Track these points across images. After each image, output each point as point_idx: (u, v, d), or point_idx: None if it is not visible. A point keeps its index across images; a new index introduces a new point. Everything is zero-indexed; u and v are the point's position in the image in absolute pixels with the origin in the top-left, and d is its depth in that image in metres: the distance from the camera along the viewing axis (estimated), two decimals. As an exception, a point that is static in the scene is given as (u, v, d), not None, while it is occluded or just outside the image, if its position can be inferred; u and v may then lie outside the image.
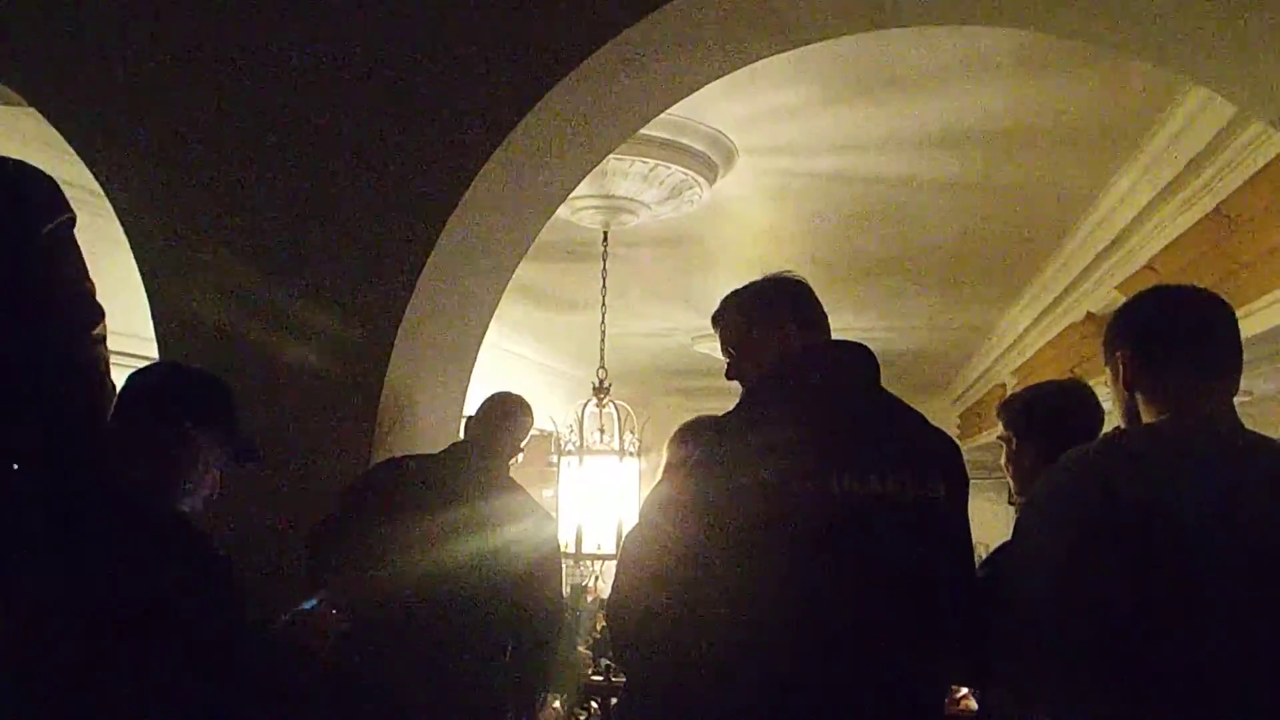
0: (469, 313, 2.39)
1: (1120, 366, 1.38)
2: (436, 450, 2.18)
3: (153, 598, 1.24)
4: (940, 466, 1.59)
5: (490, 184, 2.16)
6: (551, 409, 4.43)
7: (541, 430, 2.39)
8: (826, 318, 1.75)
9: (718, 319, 1.75)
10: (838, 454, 1.52)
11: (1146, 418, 1.34)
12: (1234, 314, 1.41)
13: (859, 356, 1.67)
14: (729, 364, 1.74)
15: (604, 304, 4.21)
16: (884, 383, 1.69)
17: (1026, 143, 3.58)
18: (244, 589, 1.40)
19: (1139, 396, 1.35)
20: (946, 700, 1.72)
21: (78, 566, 1.24)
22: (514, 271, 2.49)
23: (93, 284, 1.19)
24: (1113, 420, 1.52)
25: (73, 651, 1.20)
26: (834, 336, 1.75)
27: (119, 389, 1.48)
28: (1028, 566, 1.26)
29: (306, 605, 1.62)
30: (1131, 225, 3.92)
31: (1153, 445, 1.30)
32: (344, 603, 1.66)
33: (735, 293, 1.75)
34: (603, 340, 4.26)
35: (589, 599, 4.46)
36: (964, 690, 2.95)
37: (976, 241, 4.79)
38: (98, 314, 1.17)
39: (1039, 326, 5.62)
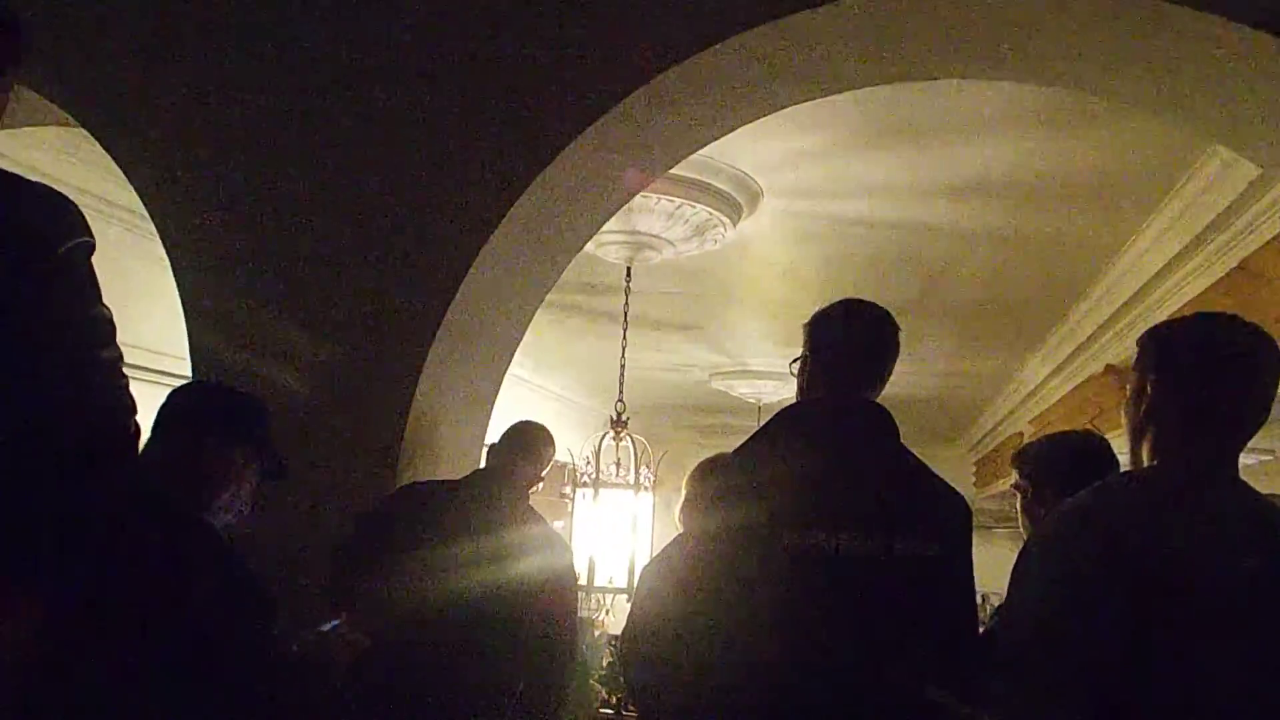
0: (494, 344, 2.43)
1: (1139, 396, 1.33)
2: (457, 477, 2.21)
3: (184, 610, 1.27)
4: (940, 526, 1.60)
5: (520, 221, 2.21)
6: (568, 441, 4.45)
7: (556, 461, 2.41)
8: (876, 375, 1.74)
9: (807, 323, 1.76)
10: (827, 507, 1.55)
11: (1150, 456, 1.31)
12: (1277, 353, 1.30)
13: (872, 413, 1.69)
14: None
15: (624, 338, 4.25)
16: (901, 428, 1.71)
17: (1051, 195, 3.61)
18: (273, 606, 1.42)
19: (1149, 433, 1.31)
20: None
21: (109, 577, 1.27)
22: (540, 305, 2.53)
23: (108, 309, 1.22)
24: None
25: (101, 659, 1.23)
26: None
27: (159, 407, 1.53)
28: (1022, 612, 1.25)
29: (326, 626, 1.64)
30: (1155, 279, 3.93)
31: (1153, 494, 1.26)
32: (362, 624, 1.68)
33: (826, 311, 1.76)
34: (622, 373, 4.29)
35: (596, 633, 4.44)
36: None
37: (998, 291, 4.81)
38: (110, 335, 1.20)
39: (1058, 377, 5.61)
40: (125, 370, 1.23)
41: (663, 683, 1.84)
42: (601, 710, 2.41)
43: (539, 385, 7.21)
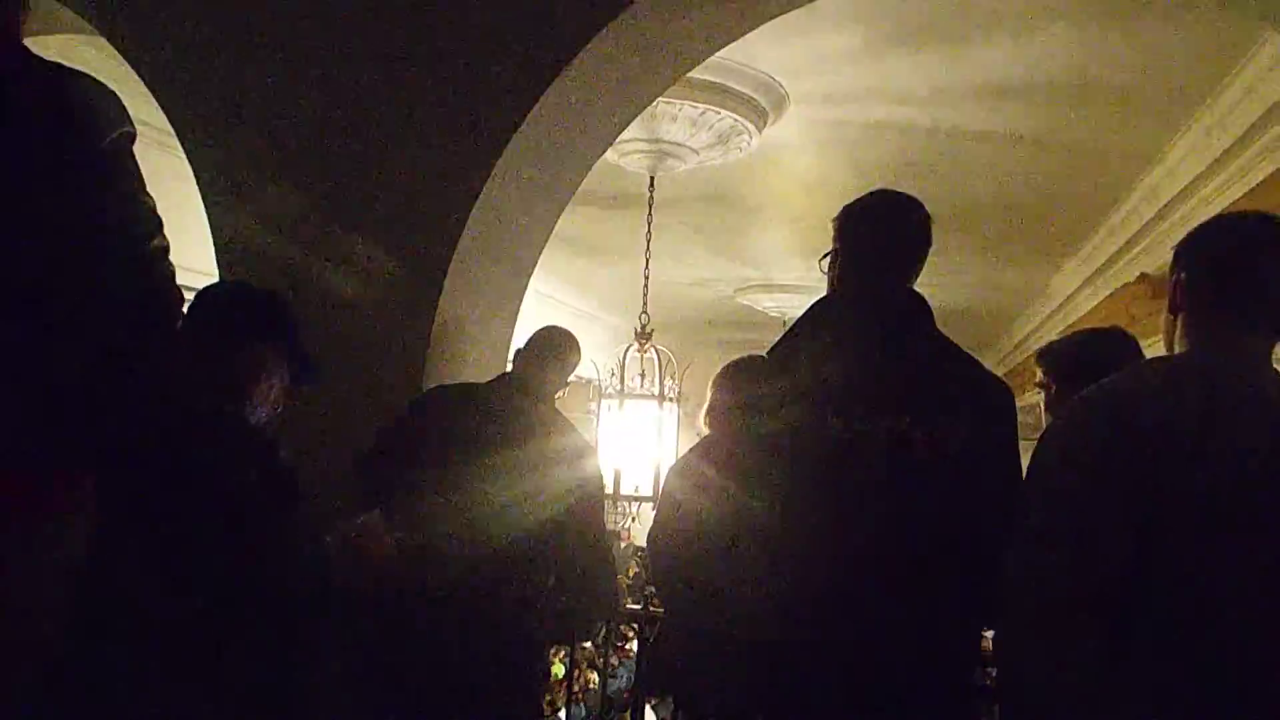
0: (520, 246, 2.43)
1: (1173, 290, 1.31)
2: (483, 382, 2.23)
3: (220, 500, 1.31)
4: (985, 413, 1.59)
5: (541, 125, 2.18)
6: (592, 356, 4.48)
7: (580, 377, 2.43)
8: (909, 264, 1.70)
9: (837, 216, 1.73)
10: (869, 395, 1.55)
11: (1179, 349, 1.29)
12: None
13: (908, 301, 1.67)
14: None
15: (648, 249, 4.23)
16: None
17: (1088, 97, 3.49)
18: (305, 499, 1.47)
19: (1179, 326, 1.29)
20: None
21: (148, 468, 1.32)
22: (563, 210, 2.51)
23: (152, 198, 1.23)
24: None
25: (139, 548, 1.28)
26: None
27: (189, 307, 1.55)
28: (1033, 495, 1.25)
29: (356, 522, 1.69)
30: (1193, 185, 3.81)
31: (1170, 378, 1.24)
32: (391, 524, 1.72)
33: (856, 202, 1.72)
34: (645, 285, 4.28)
35: (623, 544, 4.54)
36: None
37: (1030, 198, 4.70)
38: (157, 225, 1.22)
39: (1091, 286, 5.51)
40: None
41: (690, 582, 1.88)
42: (629, 606, 2.48)
43: (563, 302, 7.21)
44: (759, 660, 1.60)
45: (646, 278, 4.24)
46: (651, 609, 2.30)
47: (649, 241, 4.28)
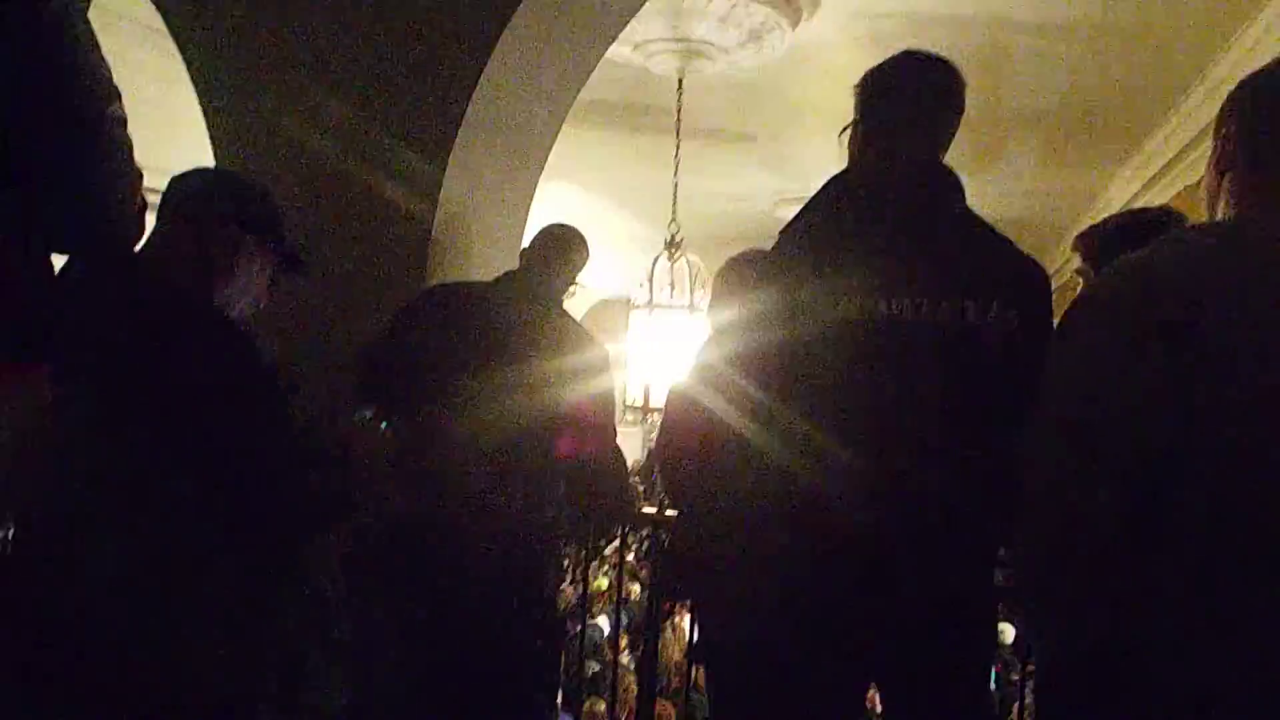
0: (526, 139, 2.32)
1: (1222, 145, 1.15)
2: (489, 279, 2.16)
3: (190, 392, 1.27)
4: (1017, 293, 1.46)
5: (540, 8, 2.05)
6: (622, 269, 4.40)
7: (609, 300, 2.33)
8: (938, 132, 1.56)
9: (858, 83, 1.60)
10: (888, 273, 1.43)
11: (1224, 212, 1.13)
12: None
13: (936, 172, 1.54)
14: None
15: (677, 153, 4.08)
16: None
17: (1152, -24, 3.22)
18: (288, 392, 1.42)
19: (1226, 186, 1.13)
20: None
21: (116, 356, 1.27)
22: (574, 98, 2.39)
23: (107, 65, 1.15)
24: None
25: (110, 440, 1.24)
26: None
27: (162, 193, 1.49)
28: (1055, 371, 1.13)
29: (355, 417, 1.65)
30: (1265, 72, 3.52)
31: (1217, 243, 1.08)
32: (390, 419, 1.68)
33: (879, 65, 1.57)
34: (675, 193, 4.14)
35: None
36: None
37: (1085, 95, 4.40)
38: (115, 92, 1.14)
39: (1150, 192, 5.21)
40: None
41: (697, 481, 1.82)
42: (642, 511, 2.44)
43: (590, 213, 7.07)
44: (783, 564, 1.53)
45: (675, 184, 4.10)
46: (665, 512, 2.25)
47: (678, 148, 4.12)
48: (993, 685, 5.67)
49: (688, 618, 3.32)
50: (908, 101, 1.55)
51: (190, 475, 1.25)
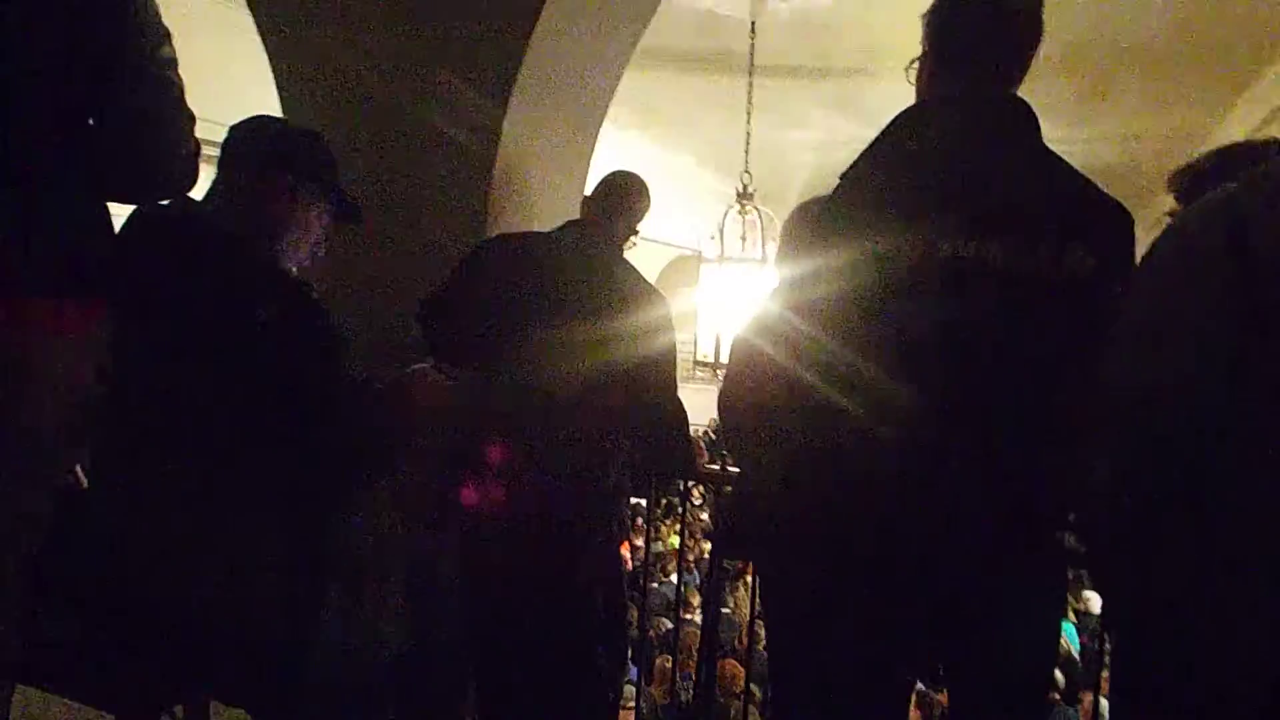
0: (589, 81, 2.25)
1: None
2: (550, 229, 2.12)
3: (246, 337, 1.26)
4: (1100, 237, 1.35)
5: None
6: (692, 221, 4.31)
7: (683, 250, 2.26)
8: (1013, 63, 1.44)
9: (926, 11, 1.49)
10: (960, 213, 1.33)
11: None
12: None
13: (1011, 106, 1.42)
14: None
15: (749, 99, 3.94)
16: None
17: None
18: (345, 340, 1.41)
19: None
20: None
21: (175, 300, 1.27)
22: (638, 39, 2.30)
23: (157, 6, 1.14)
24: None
25: (172, 382, 1.25)
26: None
27: (222, 143, 1.48)
28: (1133, 306, 1.02)
29: (412, 369, 1.63)
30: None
31: None
32: (451, 369, 1.66)
33: None
34: (747, 143, 4.01)
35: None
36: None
37: (1195, 26, 4.07)
38: (165, 33, 1.13)
39: (1266, 132, 4.83)
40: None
41: (757, 428, 1.76)
42: (708, 466, 2.38)
43: (661, 164, 6.95)
44: (843, 512, 1.46)
45: (748, 133, 3.97)
46: (726, 468, 2.19)
47: (750, 94, 3.98)
48: (1077, 652, 5.48)
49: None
50: (977, 28, 1.43)
51: (248, 414, 1.25)
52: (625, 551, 3.49)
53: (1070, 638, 5.69)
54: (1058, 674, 4.55)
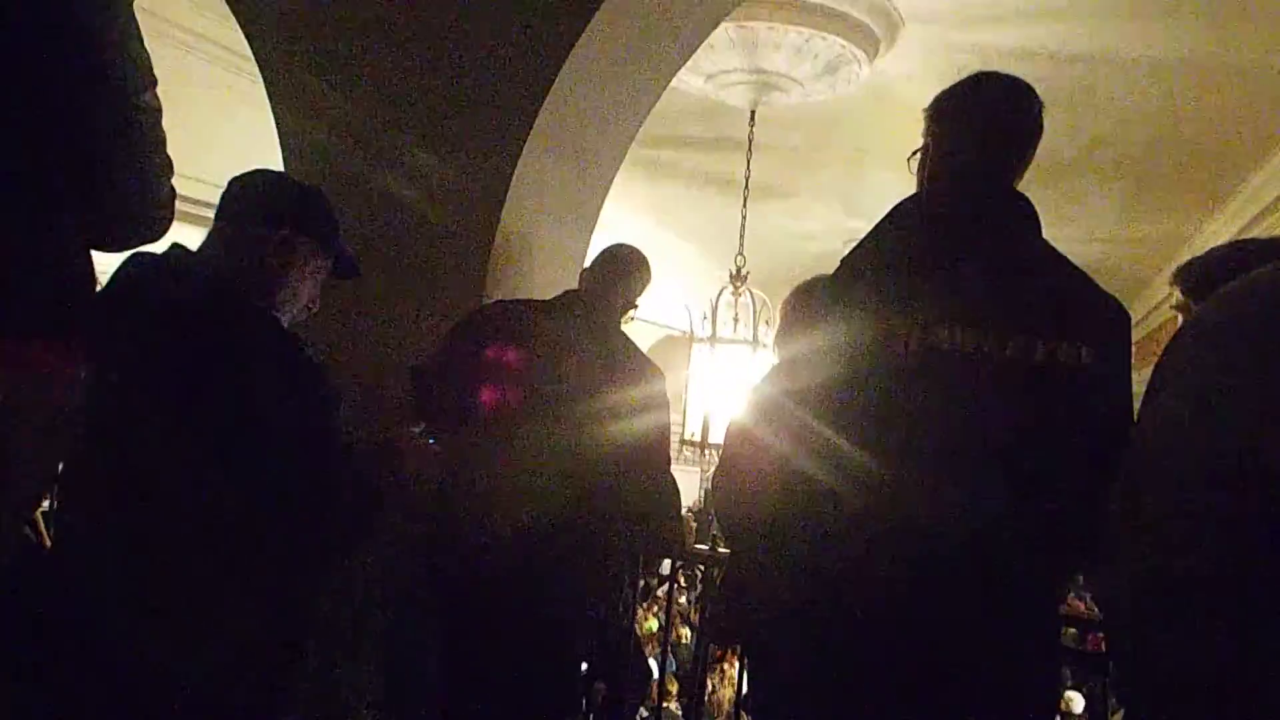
0: (590, 164, 2.28)
1: None
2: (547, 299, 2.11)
3: (238, 392, 1.23)
4: (1094, 332, 1.36)
5: (609, 27, 2.02)
6: (686, 300, 4.34)
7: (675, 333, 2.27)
8: (1013, 159, 1.46)
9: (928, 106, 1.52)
10: (954, 303, 1.34)
11: None
12: None
13: (1011, 200, 1.45)
14: None
15: (746, 187, 4.02)
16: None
17: (1245, 13, 3.05)
18: (337, 398, 1.38)
19: None
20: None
21: (166, 353, 1.25)
22: (642, 121, 2.35)
23: (146, 52, 1.13)
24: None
25: (156, 436, 1.21)
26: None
27: (221, 195, 1.47)
28: (1172, 406, 1.00)
29: (403, 431, 1.60)
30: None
31: None
32: (440, 435, 1.62)
33: (952, 87, 1.49)
34: (743, 226, 4.07)
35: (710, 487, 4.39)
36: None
37: (1175, 136, 4.22)
38: (152, 80, 1.12)
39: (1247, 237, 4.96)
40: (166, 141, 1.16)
41: (753, 515, 1.73)
42: (695, 547, 2.33)
43: (655, 245, 7.03)
44: (840, 605, 1.42)
45: (744, 216, 4.03)
46: (716, 550, 2.15)
47: (748, 180, 4.06)
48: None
49: (737, 665, 3.19)
50: (980, 125, 1.46)
51: (231, 470, 1.21)
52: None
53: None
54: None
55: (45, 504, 1.50)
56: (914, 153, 1.55)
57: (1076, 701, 6.15)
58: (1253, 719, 0.89)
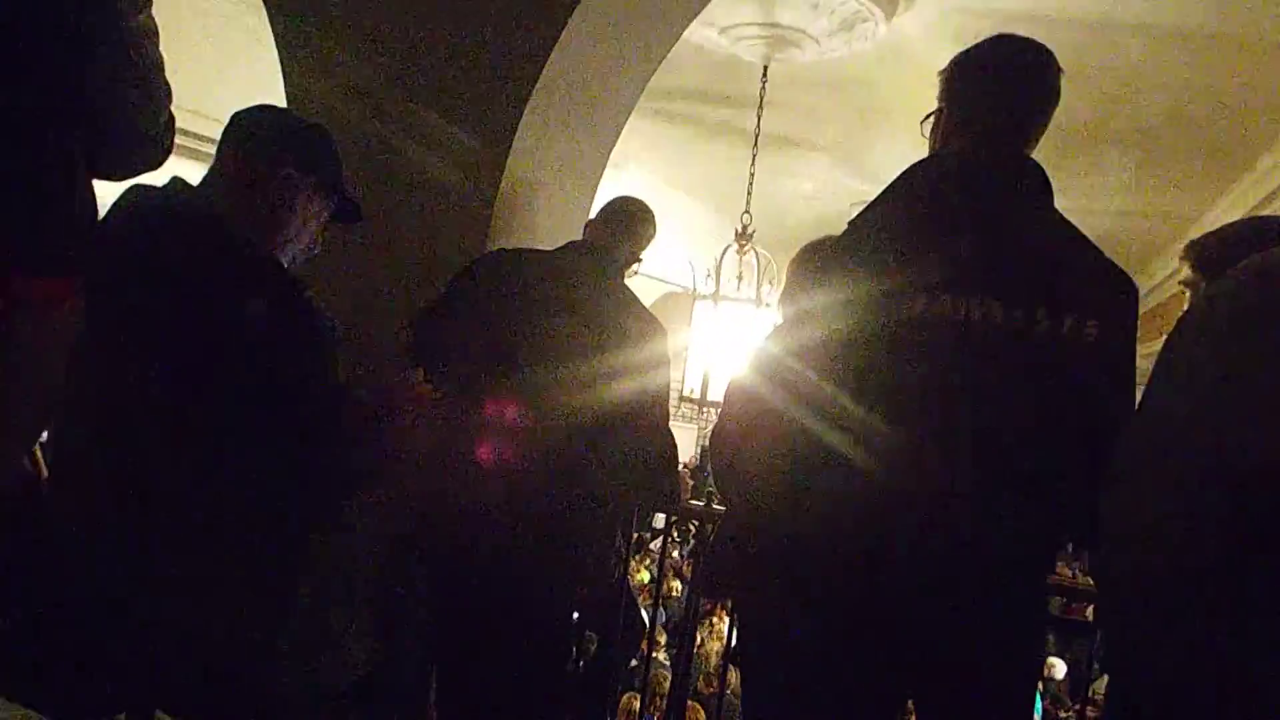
0: (596, 117, 2.25)
1: None
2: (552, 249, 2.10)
3: (235, 330, 1.23)
4: (1100, 303, 1.35)
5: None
6: (690, 256, 4.32)
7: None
8: (1028, 124, 1.45)
9: (944, 69, 1.51)
10: (960, 269, 1.34)
11: None
12: None
13: (1023, 167, 1.43)
14: None
15: (755, 145, 3.97)
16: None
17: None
18: (335, 339, 1.38)
19: None
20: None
21: (163, 290, 1.24)
22: (650, 76, 2.31)
23: None
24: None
25: (145, 373, 1.21)
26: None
27: (223, 129, 1.45)
28: (1175, 390, 1.00)
29: (401, 376, 1.60)
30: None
31: None
32: (439, 380, 1.62)
33: (969, 50, 1.48)
34: (750, 184, 4.04)
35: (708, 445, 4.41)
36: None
37: (1192, 109, 4.16)
38: (145, 1, 1.09)
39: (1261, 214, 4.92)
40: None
41: (748, 471, 1.74)
42: (690, 503, 2.35)
43: (661, 201, 6.98)
44: (830, 562, 1.44)
45: (751, 174, 3.99)
46: (713, 506, 2.16)
47: (757, 137, 4.01)
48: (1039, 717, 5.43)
49: (727, 620, 3.23)
50: (996, 88, 1.44)
51: (226, 412, 1.21)
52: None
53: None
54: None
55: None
56: (927, 116, 1.53)
57: (1058, 668, 6.26)
58: (1251, 717, 0.90)
